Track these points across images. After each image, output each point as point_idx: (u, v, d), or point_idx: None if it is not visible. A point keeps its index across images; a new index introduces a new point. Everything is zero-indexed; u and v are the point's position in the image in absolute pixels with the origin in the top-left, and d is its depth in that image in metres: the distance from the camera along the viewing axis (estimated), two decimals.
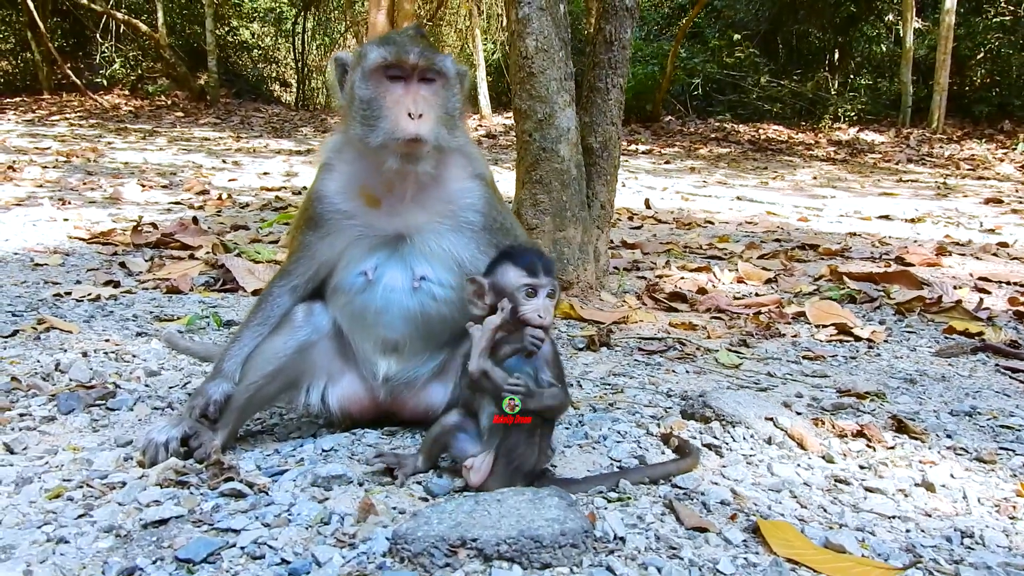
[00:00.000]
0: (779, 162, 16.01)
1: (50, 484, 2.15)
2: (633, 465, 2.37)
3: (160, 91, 22.42)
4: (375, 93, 2.33)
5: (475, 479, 2.08)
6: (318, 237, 2.47)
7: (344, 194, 2.45)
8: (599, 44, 4.66)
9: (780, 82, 21.82)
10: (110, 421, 2.67)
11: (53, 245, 5.86)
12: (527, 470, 2.07)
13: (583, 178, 4.55)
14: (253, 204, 8.37)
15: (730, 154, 17.00)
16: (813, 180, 13.30)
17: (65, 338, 3.59)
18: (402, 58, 2.30)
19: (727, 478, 2.29)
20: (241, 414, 2.46)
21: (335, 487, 2.14)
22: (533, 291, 2.17)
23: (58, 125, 16.18)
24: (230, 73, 24.22)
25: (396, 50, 2.31)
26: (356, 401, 2.54)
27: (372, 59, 2.33)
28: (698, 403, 2.75)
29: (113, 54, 22.76)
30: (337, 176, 2.47)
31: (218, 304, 4.46)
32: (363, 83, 2.34)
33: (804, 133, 20.16)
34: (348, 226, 2.44)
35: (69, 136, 14.28)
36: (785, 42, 23.31)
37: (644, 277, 5.42)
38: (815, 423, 2.72)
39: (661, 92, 20.58)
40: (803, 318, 4.47)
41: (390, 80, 2.32)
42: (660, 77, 20.33)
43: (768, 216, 8.91)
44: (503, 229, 2.52)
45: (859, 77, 22.38)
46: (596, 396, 3.08)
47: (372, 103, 2.33)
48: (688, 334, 4.11)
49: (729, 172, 14.06)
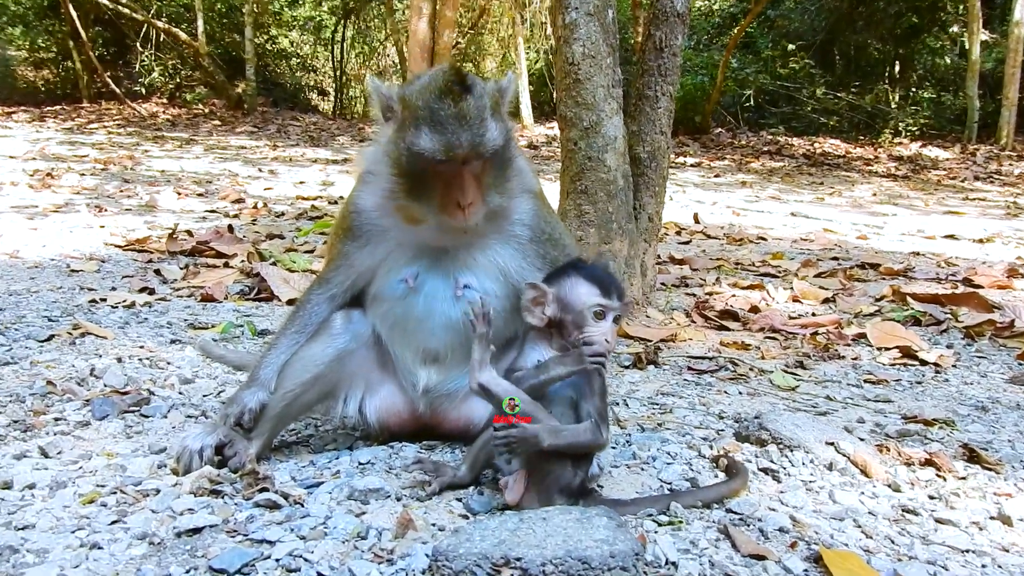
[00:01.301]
0: (836, 177, 15.78)
1: (84, 489, 2.19)
2: (685, 488, 2.33)
3: (198, 99, 23.01)
4: (422, 173, 2.25)
5: (511, 497, 2.06)
6: (356, 247, 2.49)
7: (381, 210, 2.44)
8: (649, 50, 4.65)
9: (837, 94, 21.55)
10: (144, 428, 2.72)
11: (89, 252, 6.02)
12: (564, 487, 2.04)
13: (630, 189, 4.52)
14: (289, 213, 8.50)
15: (784, 168, 16.80)
16: (873, 197, 13.08)
17: (100, 344, 3.67)
18: (453, 153, 2.20)
19: (785, 504, 2.24)
20: (277, 423, 2.48)
21: (372, 501, 2.14)
22: (602, 313, 2.13)
23: (96, 133, 16.67)
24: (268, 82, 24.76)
25: (445, 143, 2.19)
26: (395, 413, 2.55)
27: (418, 146, 2.21)
28: (753, 425, 2.70)
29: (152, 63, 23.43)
30: (374, 190, 2.46)
31: (252, 313, 4.52)
32: (407, 157, 2.25)
33: (863, 148, 19.85)
34: (387, 239, 2.45)
35: (107, 144, 14.70)
36: (843, 53, 23.04)
37: (693, 294, 5.37)
38: (880, 449, 2.64)
39: (711, 103, 20.48)
40: (864, 340, 4.39)
41: (438, 164, 2.23)
42: (710, 88, 20.23)
43: (825, 233, 8.78)
44: (552, 240, 2.50)
45: (921, 90, 22.01)
46: (644, 416, 3.04)
47: (417, 180, 2.27)
48: (740, 354, 4.06)
49: (783, 187, 13.90)
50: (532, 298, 2.20)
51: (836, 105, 21.41)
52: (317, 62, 27.66)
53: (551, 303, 2.18)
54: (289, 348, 2.50)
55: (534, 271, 2.43)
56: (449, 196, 2.25)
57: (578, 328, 2.13)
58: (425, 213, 2.31)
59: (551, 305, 2.18)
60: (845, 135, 20.87)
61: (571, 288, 2.17)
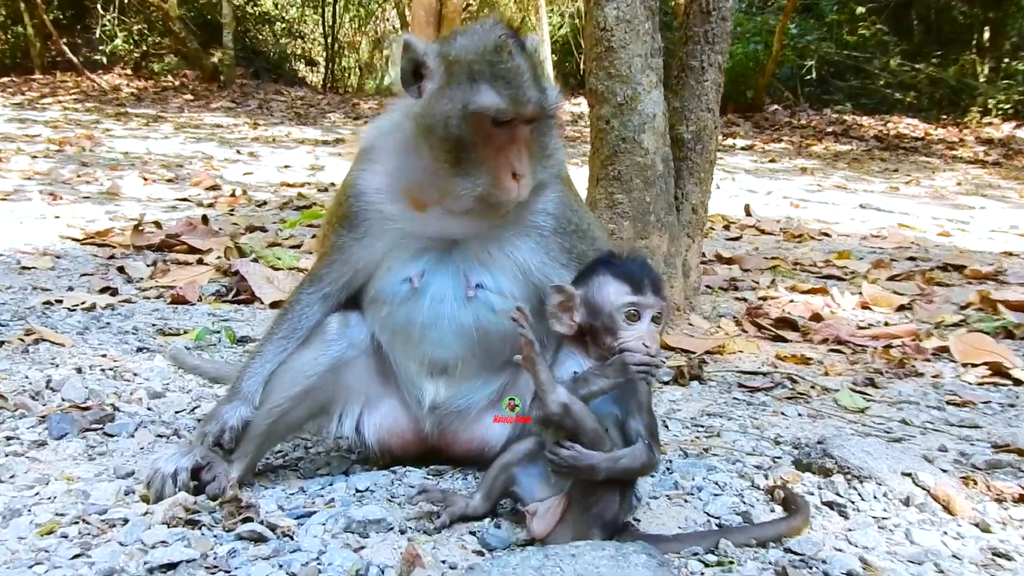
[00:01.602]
0: (913, 163, 15.70)
1: (42, 518, 2.23)
2: (736, 523, 2.34)
3: (167, 70, 23.19)
4: (473, 138, 2.28)
5: (539, 528, 2.07)
6: (354, 238, 2.51)
7: (386, 193, 2.46)
8: (694, 14, 4.66)
9: (915, 66, 21.44)
10: (108, 448, 2.76)
11: (43, 246, 6.10)
12: (608, 520, 2.05)
13: (671, 175, 4.53)
14: (272, 202, 8.58)
15: (851, 152, 16.74)
16: (957, 186, 13.00)
17: (57, 352, 3.73)
18: (521, 111, 2.27)
19: (854, 544, 2.24)
20: (262, 443, 2.50)
21: (372, 534, 2.17)
22: (636, 313, 2.14)
23: (50, 109, 16.88)
24: (248, 50, 24.92)
25: (512, 98, 2.25)
26: (397, 433, 2.57)
27: (481, 104, 2.25)
28: (816, 451, 2.70)
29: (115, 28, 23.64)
30: (379, 169, 2.48)
31: (231, 317, 4.57)
32: (458, 120, 2.27)
33: (945, 128, 19.74)
34: (390, 228, 2.47)
35: (62, 121, 14.88)
36: (921, 18, 22.93)
37: (744, 298, 5.37)
38: (965, 482, 2.65)
39: (765, 76, 20.43)
40: (946, 354, 4.38)
41: (495, 126, 2.28)
42: (764, 58, 20.20)
43: (900, 229, 8.75)
44: (579, 232, 2.52)
45: (1016, 61, 21.84)
46: (687, 439, 3.05)
47: (468, 149, 2.29)
48: (800, 369, 4.07)
49: (850, 174, 13.85)
50: (558, 303, 2.22)
51: (913, 79, 21.29)
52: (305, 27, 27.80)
53: (579, 307, 2.20)
54: (276, 356, 2.53)
55: (558, 268, 2.45)
56: (502, 164, 2.29)
57: (611, 334, 2.14)
58: (467, 188, 2.31)
59: (579, 309, 2.20)
60: (924, 114, 20.75)
61: (598, 288, 2.18)
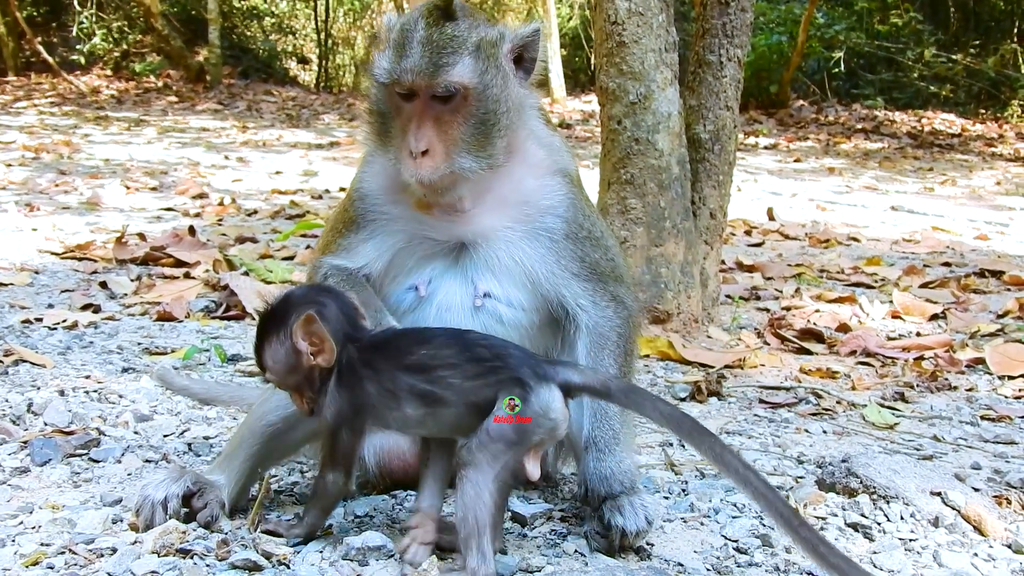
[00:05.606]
0: (949, 162, 15.67)
1: (27, 548, 2.28)
2: (755, 546, 2.37)
3: (149, 70, 23.29)
4: (385, 107, 2.45)
5: None
6: (359, 240, 2.57)
7: (388, 194, 2.54)
8: (711, 5, 4.70)
9: (951, 57, 21.41)
10: (94, 474, 2.81)
11: (20, 261, 6.14)
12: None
13: (687, 178, 4.58)
14: (263, 211, 8.63)
15: (882, 151, 16.71)
16: (996, 186, 12.99)
17: (38, 373, 3.78)
18: (397, 77, 2.35)
19: (879, 567, 2.28)
20: (254, 466, 2.54)
21: (372, 561, 2.21)
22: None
23: (25, 113, 16.96)
24: (236, 48, 25.00)
25: (393, 65, 2.35)
26: (398, 455, 2.62)
27: (372, 70, 2.41)
28: (840, 471, 2.74)
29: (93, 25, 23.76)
30: (380, 171, 2.57)
31: (220, 334, 4.62)
32: (374, 91, 2.46)
33: (984, 124, 19.70)
34: (395, 231, 2.54)
35: (38, 127, 14.95)
36: (958, 5, 22.90)
37: (766, 309, 5.39)
38: (998, 502, 2.68)
39: (790, 70, 20.42)
40: (982, 366, 4.40)
41: (400, 97, 2.39)
42: (789, 50, 20.18)
43: (934, 232, 8.76)
44: (592, 239, 2.57)
45: None
46: (703, 459, 3.08)
47: (383, 118, 2.46)
48: (825, 383, 4.09)
49: (881, 174, 13.83)
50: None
51: (950, 70, 21.25)
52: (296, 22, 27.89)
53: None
54: None
55: (569, 278, 2.50)
56: (403, 143, 2.38)
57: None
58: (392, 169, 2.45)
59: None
60: (961, 108, 20.71)
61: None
